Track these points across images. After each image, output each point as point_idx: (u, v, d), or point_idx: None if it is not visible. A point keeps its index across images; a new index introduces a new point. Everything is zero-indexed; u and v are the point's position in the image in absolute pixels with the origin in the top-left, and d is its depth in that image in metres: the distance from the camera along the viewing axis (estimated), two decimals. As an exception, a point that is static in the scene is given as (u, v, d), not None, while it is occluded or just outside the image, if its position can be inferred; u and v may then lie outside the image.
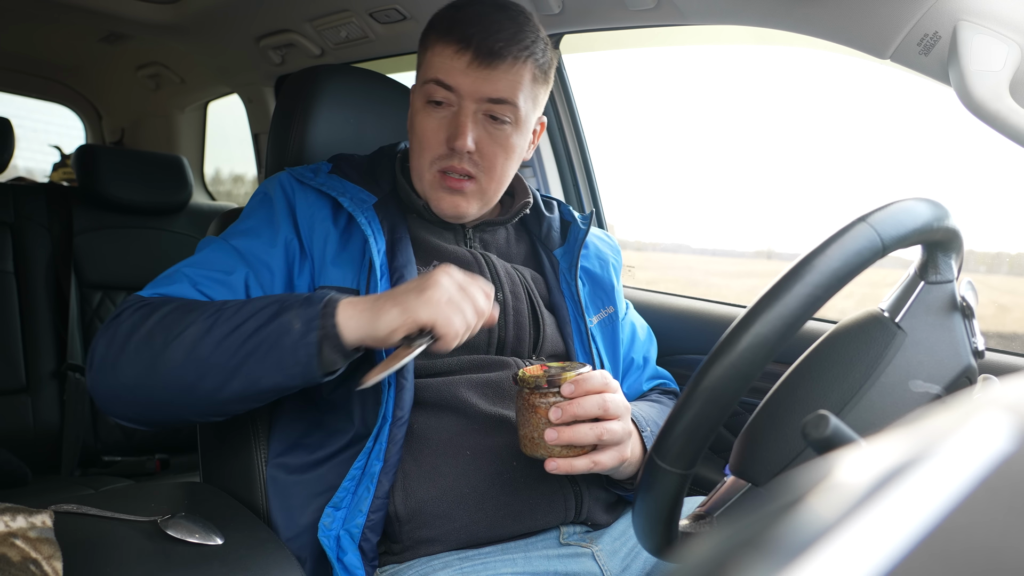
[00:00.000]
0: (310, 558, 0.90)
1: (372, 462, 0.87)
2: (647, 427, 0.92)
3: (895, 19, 0.90)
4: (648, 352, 1.17)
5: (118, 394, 0.83)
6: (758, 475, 0.64)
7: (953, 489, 0.17)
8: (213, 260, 0.91)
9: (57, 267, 1.95)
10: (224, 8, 1.74)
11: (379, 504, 0.86)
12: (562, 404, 0.79)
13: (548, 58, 0.97)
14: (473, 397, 0.91)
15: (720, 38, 1.44)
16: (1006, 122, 0.83)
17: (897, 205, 0.58)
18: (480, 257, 1.00)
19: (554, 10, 1.29)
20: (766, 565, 0.17)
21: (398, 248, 0.95)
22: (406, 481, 0.88)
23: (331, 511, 0.88)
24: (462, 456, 0.89)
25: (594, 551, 0.91)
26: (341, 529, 0.87)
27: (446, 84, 0.91)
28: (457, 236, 1.03)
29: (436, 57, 0.92)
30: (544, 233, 1.09)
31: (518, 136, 0.96)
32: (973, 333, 0.66)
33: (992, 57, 0.83)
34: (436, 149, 0.94)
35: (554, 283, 1.05)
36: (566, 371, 0.81)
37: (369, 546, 0.86)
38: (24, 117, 2.82)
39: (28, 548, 0.67)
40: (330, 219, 0.95)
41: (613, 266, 1.13)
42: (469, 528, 0.87)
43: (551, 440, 0.78)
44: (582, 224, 1.07)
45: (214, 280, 0.88)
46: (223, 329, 0.79)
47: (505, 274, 1.00)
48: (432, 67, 0.92)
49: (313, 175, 0.98)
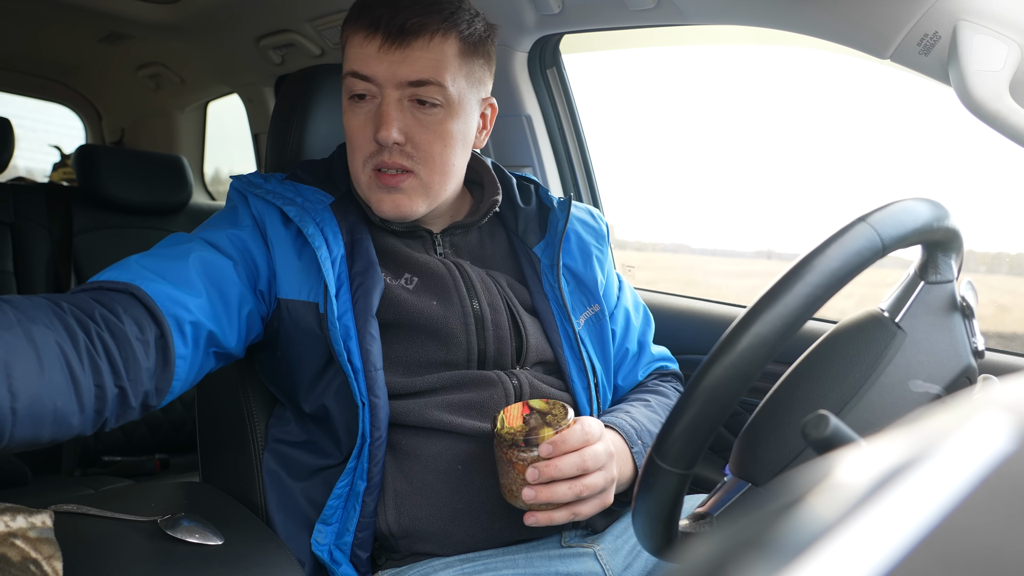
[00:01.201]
0: (308, 561, 0.89)
1: (356, 481, 0.85)
2: (637, 441, 0.89)
3: (895, 19, 0.90)
4: (644, 336, 1.11)
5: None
6: (758, 475, 0.64)
7: (953, 489, 0.17)
8: (168, 247, 0.84)
9: (57, 267, 1.95)
10: (224, 8, 1.74)
11: (366, 523, 0.85)
12: (539, 465, 0.76)
13: (477, 29, 0.88)
14: (455, 417, 0.88)
15: (720, 38, 1.44)
16: (1006, 122, 0.83)
17: (897, 205, 0.58)
18: (452, 267, 0.94)
19: (554, 10, 1.29)
20: (766, 565, 0.17)
21: (357, 251, 0.89)
22: (398, 499, 0.86)
23: (321, 527, 0.87)
24: (454, 471, 0.87)
25: (596, 550, 0.91)
26: (332, 545, 0.86)
27: (362, 74, 0.85)
28: (425, 244, 0.96)
29: (349, 48, 0.86)
30: (521, 229, 1.02)
31: (454, 120, 0.88)
32: (973, 333, 0.66)
33: (992, 57, 0.83)
34: (366, 147, 0.87)
35: (536, 286, 0.98)
36: (547, 423, 0.78)
37: (360, 561, 0.87)
38: (24, 117, 2.82)
39: (28, 548, 0.67)
40: (281, 226, 0.89)
41: (597, 258, 1.04)
42: (466, 541, 0.87)
43: (528, 499, 0.77)
44: (560, 212, 0.99)
45: (158, 255, 0.81)
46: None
47: (480, 283, 0.94)
48: (347, 59, 0.86)
49: (263, 181, 0.93)
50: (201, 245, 0.84)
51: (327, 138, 1.15)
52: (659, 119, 3.51)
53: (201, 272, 0.81)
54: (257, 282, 0.87)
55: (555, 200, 1.01)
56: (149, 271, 0.77)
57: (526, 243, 1.01)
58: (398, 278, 0.91)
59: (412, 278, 0.92)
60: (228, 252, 0.85)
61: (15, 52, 2.53)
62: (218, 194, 2.84)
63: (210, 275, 0.82)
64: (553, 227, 0.99)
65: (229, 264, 0.84)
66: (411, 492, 0.87)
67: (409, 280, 0.92)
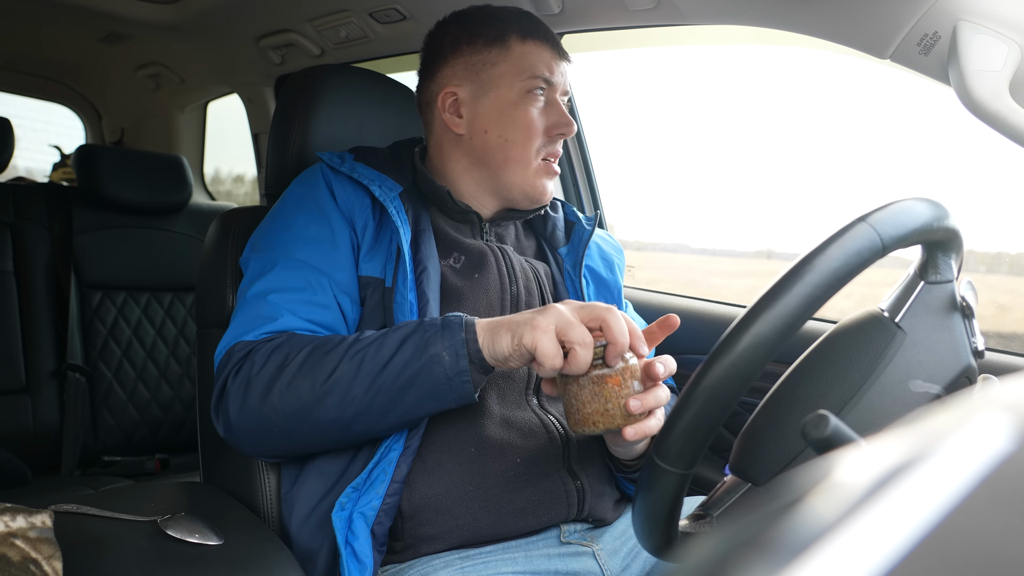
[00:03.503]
0: (324, 547, 0.88)
1: (391, 447, 0.87)
2: None
3: (895, 19, 0.90)
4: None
5: (263, 439, 0.86)
6: (758, 475, 0.64)
7: (953, 489, 0.17)
8: (293, 280, 0.91)
9: (57, 267, 1.95)
10: (224, 8, 1.74)
11: (395, 488, 0.86)
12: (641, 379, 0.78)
13: None
14: (483, 391, 0.91)
15: (720, 38, 1.44)
16: (1006, 122, 0.83)
17: (897, 205, 0.58)
18: (496, 250, 1.01)
19: (554, 10, 1.29)
20: (766, 565, 0.17)
21: (422, 239, 0.97)
22: (410, 476, 0.88)
23: (351, 491, 0.87)
24: (466, 453, 0.89)
25: (595, 550, 0.91)
26: (354, 510, 0.86)
27: (547, 78, 0.99)
28: (474, 229, 1.04)
29: (531, 55, 0.99)
30: (549, 232, 1.11)
31: None
32: (973, 333, 0.66)
33: (992, 57, 0.83)
34: (540, 137, 1.00)
35: (560, 281, 1.07)
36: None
37: (381, 531, 0.86)
38: (24, 117, 2.82)
39: (28, 548, 0.67)
40: (368, 209, 0.97)
41: (618, 267, 1.16)
42: (471, 526, 0.87)
43: (635, 409, 0.76)
44: (587, 225, 1.10)
45: (308, 303, 0.90)
46: (371, 368, 0.81)
47: (519, 267, 1.01)
48: (531, 63, 0.99)
49: (341, 161, 1.00)
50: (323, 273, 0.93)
51: (328, 138, 1.15)
52: (659, 119, 3.51)
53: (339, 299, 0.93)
54: (357, 270, 0.96)
55: (582, 217, 1.12)
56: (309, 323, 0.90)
57: (552, 245, 1.11)
58: (447, 258, 0.99)
59: (460, 257, 0.99)
60: (344, 264, 0.94)
61: (15, 52, 2.53)
62: (218, 194, 2.84)
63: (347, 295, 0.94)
64: (577, 236, 1.10)
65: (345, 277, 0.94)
66: (423, 470, 0.88)
67: (457, 259, 0.99)
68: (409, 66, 1.84)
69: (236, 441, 0.88)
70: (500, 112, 0.99)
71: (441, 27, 1.06)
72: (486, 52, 1.00)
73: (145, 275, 2.09)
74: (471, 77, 1.00)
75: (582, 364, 0.75)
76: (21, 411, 1.83)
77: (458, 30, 1.02)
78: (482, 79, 1.00)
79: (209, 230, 1.13)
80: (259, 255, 0.95)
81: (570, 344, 0.75)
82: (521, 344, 0.76)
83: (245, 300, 0.91)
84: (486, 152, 1.00)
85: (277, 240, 0.95)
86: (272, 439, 0.86)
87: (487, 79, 0.99)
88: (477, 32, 1.00)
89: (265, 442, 0.87)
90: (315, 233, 0.95)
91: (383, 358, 0.81)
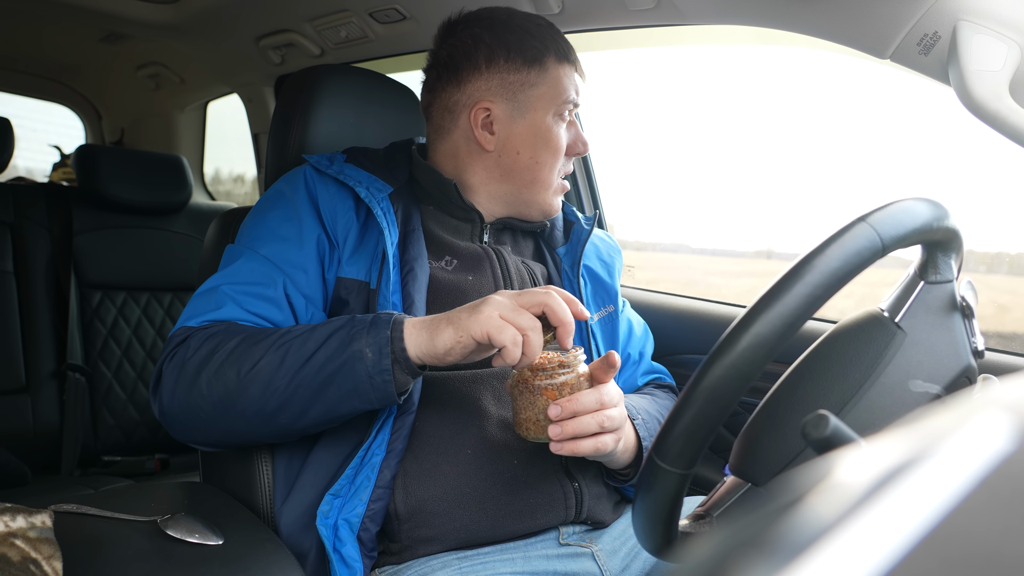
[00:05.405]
0: (313, 549, 0.88)
1: (373, 451, 0.86)
2: (638, 415, 0.92)
3: (895, 19, 0.90)
4: (644, 348, 1.17)
5: (192, 424, 0.86)
6: (758, 475, 0.64)
7: (953, 489, 0.17)
8: (249, 274, 0.91)
9: (57, 267, 1.95)
10: (224, 8, 1.74)
11: (380, 494, 0.86)
12: (561, 401, 0.78)
13: None
14: (480, 392, 0.91)
15: (720, 38, 1.44)
16: (1006, 122, 0.83)
17: (897, 205, 0.58)
18: (491, 251, 1.01)
19: (554, 10, 1.29)
20: (766, 565, 0.17)
21: (411, 240, 0.96)
22: (406, 479, 0.88)
23: (330, 499, 0.87)
24: (463, 455, 0.89)
25: (594, 551, 0.91)
26: (339, 518, 0.86)
27: (575, 101, 1.01)
28: (473, 229, 1.03)
29: (565, 78, 1.00)
30: (548, 232, 1.11)
31: None
32: (973, 333, 0.66)
33: (992, 57, 0.83)
34: (561, 158, 1.01)
35: (556, 281, 1.07)
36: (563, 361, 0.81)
37: (368, 536, 0.86)
38: (24, 117, 2.81)
39: (28, 548, 0.67)
40: (352, 211, 0.96)
41: (617, 269, 1.16)
42: (469, 528, 0.87)
43: (555, 435, 0.78)
44: (586, 225, 1.10)
45: (256, 296, 0.90)
46: (294, 361, 0.80)
47: (515, 270, 1.01)
48: (565, 87, 1.00)
49: (329, 163, 0.99)
50: (281, 271, 0.92)
51: (328, 138, 1.15)
52: (659, 119, 3.51)
53: (293, 298, 0.92)
54: (324, 272, 0.95)
55: (581, 217, 1.12)
56: (251, 315, 0.90)
57: (550, 245, 1.11)
58: (439, 260, 0.98)
59: (452, 260, 0.99)
60: (307, 266, 0.93)
61: (15, 52, 2.53)
62: (218, 194, 2.84)
63: (303, 295, 0.93)
64: (576, 235, 1.09)
65: (306, 279, 0.93)
66: (420, 472, 0.88)
67: (449, 262, 0.99)
68: (409, 66, 1.84)
69: (169, 425, 0.87)
70: (535, 135, 0.98)
71: (470, 32, 0.99)
72: (525, 72, 0.97)
73: (145, 275, 2.09)
74: (508, 96, 0.97)
75: (535, 348, 0.75)
76: (21, 411, 1.83)
77: (493, 41, 0.97)
78: (519, 99, 0.98)
79: (209, 230, 1.13)
80: (232, 247, 0.97)
81: (521, 330, 0.75)
82: (468, 335, 0.75)
83: (202, 289, 0.92)
84: (514, 171, 1.00)
85: (249, 234, 0.96)
86: (200, 426, 0.85)
87: (524, 100, 0.98)
88: (515, 48, 0.97)
89: (194, 429, 0.86)
90: (284, 232, 0.94)
91: (307, 351, 0.80)
